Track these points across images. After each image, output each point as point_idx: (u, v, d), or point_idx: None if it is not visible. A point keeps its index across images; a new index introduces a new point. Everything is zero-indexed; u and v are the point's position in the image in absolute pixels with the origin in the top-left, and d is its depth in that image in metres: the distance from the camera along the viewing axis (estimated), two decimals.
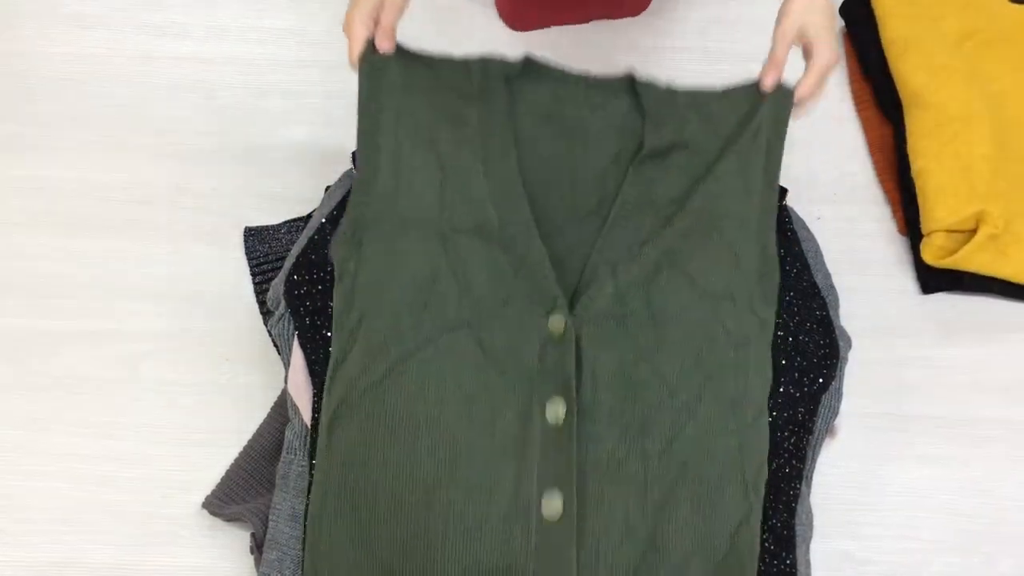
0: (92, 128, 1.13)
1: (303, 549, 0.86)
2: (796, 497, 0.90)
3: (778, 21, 0.92)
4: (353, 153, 0.97)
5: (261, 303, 1.04)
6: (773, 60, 0.91)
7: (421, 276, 0.88)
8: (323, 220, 0.94)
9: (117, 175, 1.11)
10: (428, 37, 0.93)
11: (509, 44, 1.20)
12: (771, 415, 0.89)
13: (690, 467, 0.85)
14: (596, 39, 1.20)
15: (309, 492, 0.87)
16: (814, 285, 0.95)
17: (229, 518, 0.95)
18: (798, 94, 0.91)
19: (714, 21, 1.21)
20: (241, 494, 0.96)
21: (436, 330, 0.86)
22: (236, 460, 0.98)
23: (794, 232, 0.97)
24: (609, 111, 0.95)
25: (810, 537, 0.92)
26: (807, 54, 0.92)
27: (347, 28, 0.90)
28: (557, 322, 0.86)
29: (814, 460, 0.94)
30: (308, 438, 0.90)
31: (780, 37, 0.91)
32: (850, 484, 1.01)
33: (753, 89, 0.93)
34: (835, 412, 0.94)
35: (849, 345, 0.96)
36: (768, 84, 0.91)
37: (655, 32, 1.20)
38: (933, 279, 1.08)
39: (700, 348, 0.87)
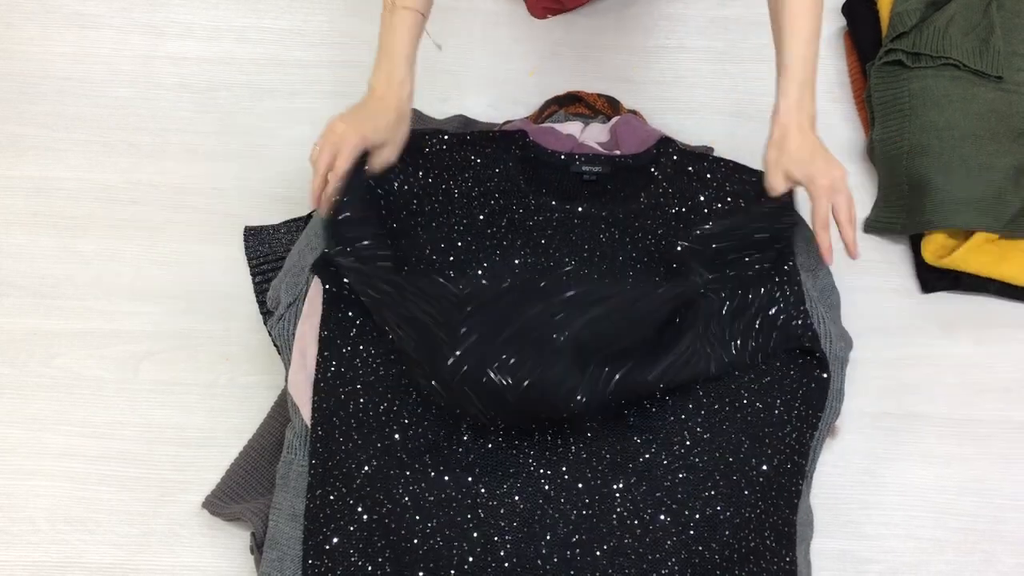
0: (92, 128, 1.13)
1: (303, 549, 0.86)
2: (798, 494, 0.90)
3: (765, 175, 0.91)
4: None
5: (261, 303, 1.04)
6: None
7: None
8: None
9: (117, 175, 1.11)
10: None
11: (511, 49, 1.20)
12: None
13: None
14: (596, 40, 1.20)
15: (308, 491, 0.87)
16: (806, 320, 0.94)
17: (229, 518, 0.95)
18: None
19: (713, 21, 1.21)
20: (241, 494, 0.96)
21: None
22: (236, 460, 0.98)
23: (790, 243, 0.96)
24: None
25: (810, 537, 0.91)
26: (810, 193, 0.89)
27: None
28: None
29: (814, 460, 0.94)
30: (308, 438, 0.90)
31: (772, 190, 0.90)
32: (850, 484, 1.01)
33: None
34: (836, 412, 0.94)
35: (850, 346, 0.95)
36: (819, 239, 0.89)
37: (655, 33, 1.21)
38: (933, 279, 1.08)
39: None
